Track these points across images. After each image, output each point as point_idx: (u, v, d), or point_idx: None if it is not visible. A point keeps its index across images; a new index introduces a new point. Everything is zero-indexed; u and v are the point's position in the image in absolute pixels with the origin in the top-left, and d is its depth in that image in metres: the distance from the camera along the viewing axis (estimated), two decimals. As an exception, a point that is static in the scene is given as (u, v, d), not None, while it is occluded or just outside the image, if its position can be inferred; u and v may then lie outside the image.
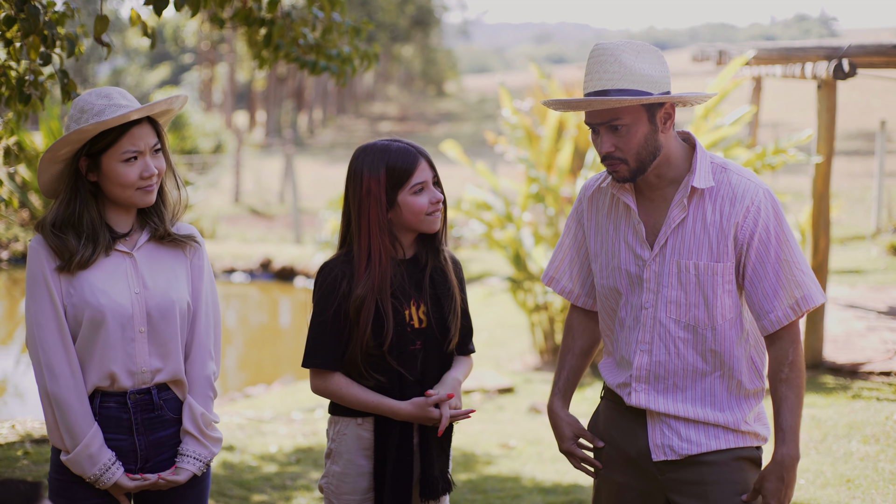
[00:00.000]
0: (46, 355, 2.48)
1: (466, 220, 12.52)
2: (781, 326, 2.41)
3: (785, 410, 2.40)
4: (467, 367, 2.78)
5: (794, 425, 2.40)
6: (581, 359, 2.74)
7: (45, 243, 2.50)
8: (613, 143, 2.39)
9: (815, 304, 2.40)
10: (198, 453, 2.62)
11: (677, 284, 2.44)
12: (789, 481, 2.40)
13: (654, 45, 2.41)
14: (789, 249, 2.40)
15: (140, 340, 2.54)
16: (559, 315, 8.26)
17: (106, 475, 2.50)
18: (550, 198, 8.12)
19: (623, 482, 2.57)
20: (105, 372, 2.51)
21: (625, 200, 2.49)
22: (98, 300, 2.49)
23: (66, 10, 3.76)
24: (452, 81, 58.49)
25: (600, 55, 2.36)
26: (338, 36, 4.64)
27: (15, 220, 13.94)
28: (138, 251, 2.59)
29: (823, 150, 6.61)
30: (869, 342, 6.99)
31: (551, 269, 2.74)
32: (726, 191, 2.42)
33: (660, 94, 2.36)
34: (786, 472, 2.39)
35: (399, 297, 2.63)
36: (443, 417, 2.60)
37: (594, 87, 2.37)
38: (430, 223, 2.66)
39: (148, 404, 2.57)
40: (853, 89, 27.59)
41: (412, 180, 2.61)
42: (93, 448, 2.49)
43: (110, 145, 2.49)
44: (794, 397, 2.41)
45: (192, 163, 19.26)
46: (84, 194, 2.53)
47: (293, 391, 8.06)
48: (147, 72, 48.96)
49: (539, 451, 5.77)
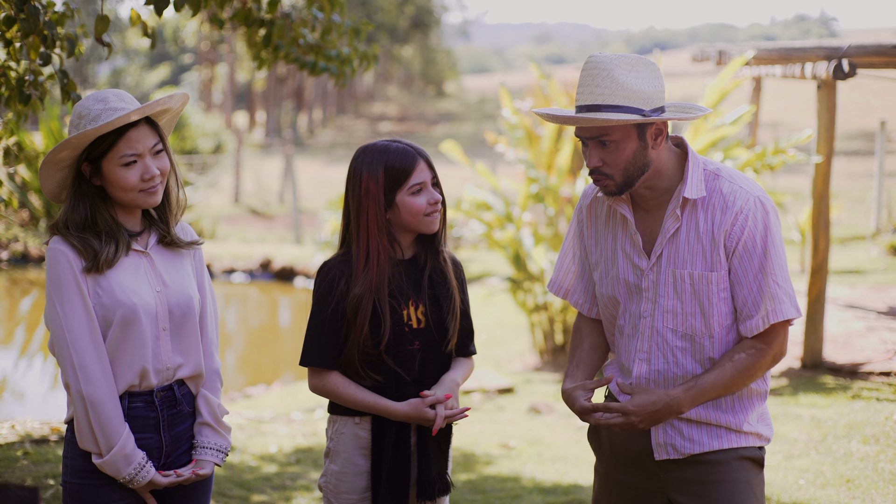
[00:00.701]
0: (80, 357, 2.47)
1: (466, 221, 12.52)
2: (757, 333, 2.41)
3: (713, 374, 2.40)
4: (467, 368, 2.78)
5: (707, 389, 2.39)
6: (591, 353, 2.67)
7: (68, 243, 2.49)
8: (601, 158, 2.39)
9: (785, 318, 2.38)
10: (218, 444, 2.66)
11: (673, 294, 2.44)
12: (657, 414, 2.39)
13: (650, 59, 2.39)
14: (774, 260, 2.39)
15: (164, 338, 2.57)
16: (559, 315, 8.26)
17: (141, 474, 2.51)
18: (550, 198, 8.12)
19: (625, 481, 2.57)
20: (136, 371, 2.52)
21: (621, 211, 2.50)
22: (130, 299, 2.50)
23: (66, 10, 3.76)
24: (452, 82, 58.49)
25: (593, 69, 2.35)
26: (337, 37, 4.64)
27: (15, 220, 13.94)
28: (151, 250, 2.60)
29: (823, 151, 6.62)
30: (869, 342, 6.99)
31: (558, 276, 2.73)
32: (717, 199, 2.41)
33: (651, 110, 2.34)
34: (664, 406, 2.38)
35: (397, 296, 2.64)
36: (437, 417, 2.60)
37: (585, 101, 2.36)
38: (429, 224, 2.66)
39: (171, 401, 2.60)
40: (853, 89, 27.60)
41: (410, 181, 2.62)
42: (127, 448, 2.50)
43: (108, 150, 2.49)
44: (729, 377, 2.40)
45: (192, 163, 19.27)
46: (91, 197, 2.53)
47: (293, 391, 8.06)
48: (147, 72, 48.96)
49: (539, 451, 5.77)
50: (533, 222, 8.38)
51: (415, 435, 2.68)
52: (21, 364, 9.37)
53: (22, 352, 9.92)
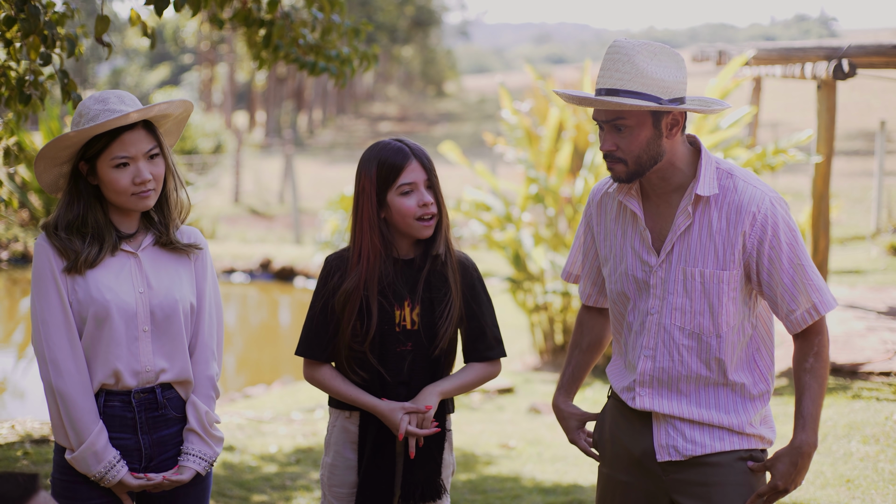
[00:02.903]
0: (52, 352, 2.48)
1: (466, 221, 12.52)
2: (806, 326, 2.42)
3: (807, 399, 2.42)
4: (473, 374, 2.71)
5: (815, 414, 2.41)
6: (587, 354, 2.77)
7: (51, 243, 2.52)
8: (615, 143, 2.40)
9: (829, 310, 2.42)
10: (203, 452, 2.63)
11: (682, 291, 2.44)
12: (801, 467, 2.41)
13: (675, 51, 2.38)
14: (801, 255, 2.40)
15: (144, 340, 2.55)
16: (559, 315, 8.26)
17: (110, 473, 2.50)
18: (550, 198, 8.12)
19: (627, 482, 2.56)
20: (110, 369, 2.52)
21: (631, 207, 2.49)
22: (103, 296, 2.50)
23: (66, 10, 3.76)
24: (452, 82, 58.47)
25: (615, 53, 2.36)
26: (337, 37, 4.64)
27: (15, 220, 13.95)
28: (143, 252, 2.60)
29: (823, 151, 6.62)
30: (869, 342, 6.99)
31: (568, 265, 2.77)
32: (732, 198, 2.41)
33: (669, 99, 2.34)
34: (801, 457, 2.40)
35: (390, 296, 2.62)
36: (401, 426, 2.57)
37: (604, 85, 2.37)
38: (420, 229, 2.62)
39: (152, 403, 2.58)
40: (853, 89, 27.59)
41: (399, 180, 2.60)
42: (98, 445, 2.49)
43: (102, 150, 2.51)
44: (818, 387, 2.43)
45: (192, 163, 19.27)
46: (87, 197, 2.54)
47: (293, 391, 8.05)
48: (147, 72, 48.95)
49: (539, 452, 5.77)
50: (533, 223, 8.37)
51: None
52: (21, 364, 9.37)
53: (22, 352, 9.92)
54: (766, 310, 2.53)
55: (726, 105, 2.42)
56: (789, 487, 2.41)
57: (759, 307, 2.50)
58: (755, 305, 2.48)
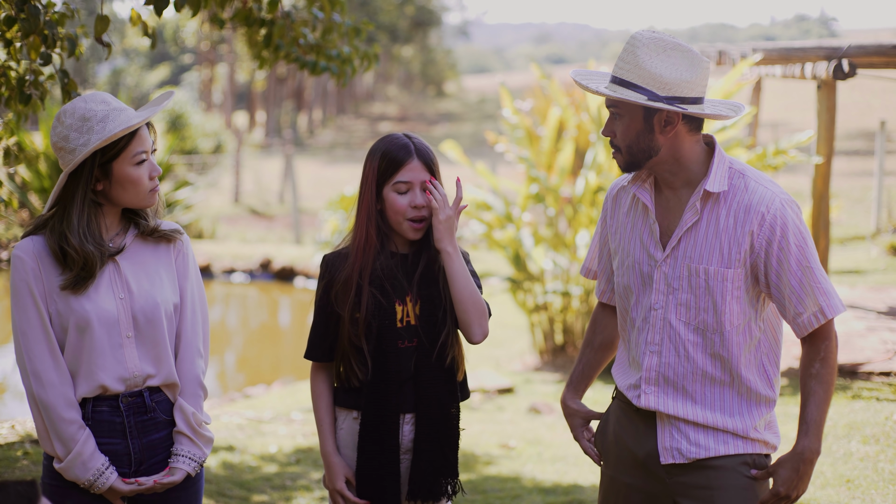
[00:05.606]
0: (33, 363, 2.46)
1: (466, 221, 12.52)
2: (813, 330, 2.42)
3: (812, 404, 2.42)
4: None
5: (819, 420, 2.41)
6: (598, 353, 2.76)
7: (34, 252, 2.46)
8: (613, 130, 2.44)
9: (837, 314, 2.41)
10: (192, 453, 2.60)
11: (688, 287, 2.43)
12: (804, 473, 2.40)
13: (694, 52, 2.36)
14: (810, 258, 2.39)
15: (129, 346, 2.52)
16: (559, 315, 8.26)
17: (100, 480, 2.48)
18: (550, 198, 8.12)
19: (630, 483, 2.56)
20: (95, 378, 2.48)
21: (643, 200, 2.49)
22: (83, 307, 2.46)
23: (66, 10, 3.76)
24: (452, 81, 58.50)
25: (628, 44, 2.39)
26: (338, 36, 4.64)
27: (15, 220, 13.95)
28: (122, 255, 2.55)
29: (823, 151, 6.62)
30: (869, 342, 6.98)
31: (587, 261, 2.79)
32: (742, 197, 2.40)
33: (667, 97, 2.34)
34: (803, 464, 2.39)
35: (389, 290, 2.59)
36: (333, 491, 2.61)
37: (613, 73, 2.42)
38: (409, 230, 2.60)
39: (140, 407, 2.56)
40: (853, 89, 27.60)
41: (397, 177, 2.58)
42: (85, 454, 2.47)
43: (123, 149, 2.47)
44: (823, 392, 2.43)
45: (192, 163, 19.26)
46: (89, 207, 2.48)
47: (293, 391, 8.06)
48: (147, 72, 48.97)
49: (539, 452, 5.77)
50: (533, 222, 8.37)
51: (412, 432, 2.61)
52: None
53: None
54: (776, 316, 2.51)
55: (732, 116, 2.41)
56: (791, 494, 2.40)
57: (768, 312, 2.48)
58: (762, 309, 2.47)
